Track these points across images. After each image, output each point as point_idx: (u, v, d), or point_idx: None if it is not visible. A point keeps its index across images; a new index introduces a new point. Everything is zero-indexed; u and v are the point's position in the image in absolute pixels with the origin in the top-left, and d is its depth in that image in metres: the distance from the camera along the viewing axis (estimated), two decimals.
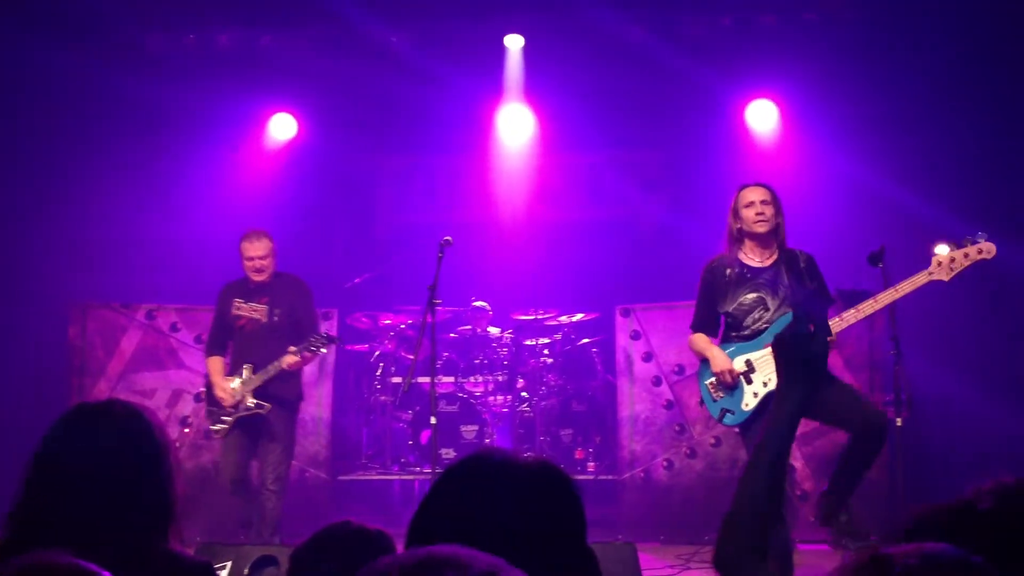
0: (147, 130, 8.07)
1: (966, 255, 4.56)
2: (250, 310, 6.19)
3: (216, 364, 6.21)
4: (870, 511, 6.08)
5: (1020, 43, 7.00)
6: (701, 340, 5.08)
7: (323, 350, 6.16)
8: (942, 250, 4.60)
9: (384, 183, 9.64)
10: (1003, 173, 7.17)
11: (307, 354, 6.02)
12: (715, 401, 4.97)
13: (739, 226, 5.05)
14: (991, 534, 1.66)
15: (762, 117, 8.44)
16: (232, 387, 6.05)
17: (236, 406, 6.03)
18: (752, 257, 5.04)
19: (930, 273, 4.59)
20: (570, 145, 9.07)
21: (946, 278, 4.59)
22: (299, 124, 8.86)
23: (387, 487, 7.76)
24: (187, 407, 7.15)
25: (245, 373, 6.05)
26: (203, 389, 7.21)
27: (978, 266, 4.62)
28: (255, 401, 6.01)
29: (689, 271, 7.70)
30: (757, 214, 4.96)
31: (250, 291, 6.24)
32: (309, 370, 7.35)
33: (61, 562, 1.34)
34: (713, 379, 4.98)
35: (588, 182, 9.33)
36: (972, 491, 1.88)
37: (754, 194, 5.03)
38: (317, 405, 7.31)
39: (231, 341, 6.26)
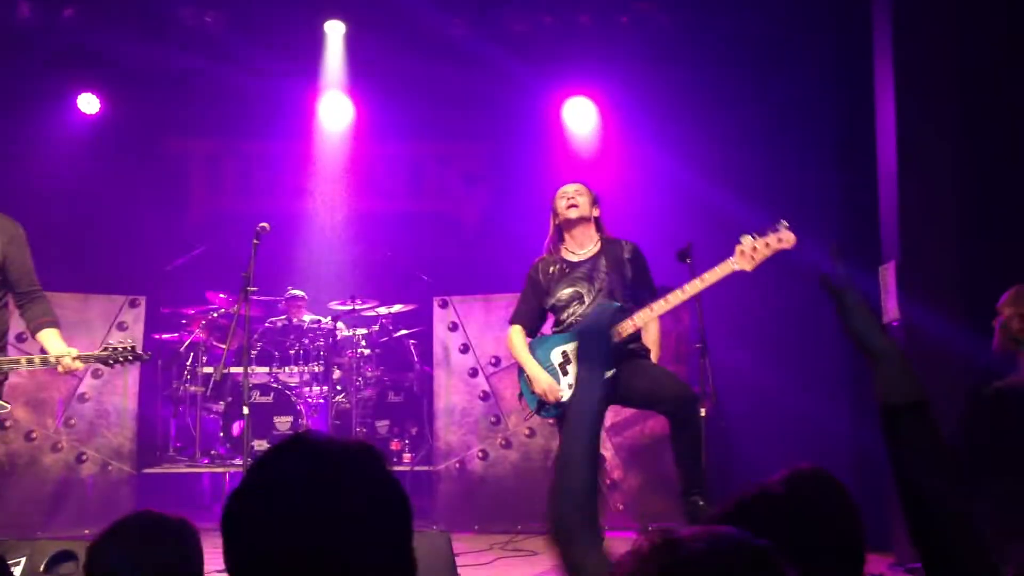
0: None
1: (767, 244, 4.72)
2: None
3: None
4: (674, 502, 6.33)
5: (815, 42, 7.43)
6: (519, 342, 5.14)
7: (119, 364, 4.81)
8: (746, 240, 4.75)
9: (196, 168, 9.33)
10: (804, 168, 7.58)
11: (92, 365, 4.98)
12: (533, 393, 5.05)
13: (556, 221, 5.18)
14: (783, 518, 1.76)
15: (580, 114, 8.63)
16: None
17: None
18: (572, 251, 5.16)
19: (734, 263, 4.73)
20: (391, 135, 9.02)
21: (749, 267, 4.72)
22: (105, 103, 8.46)
23: (196, 480, 7.53)
24: None
25: None
26: None
27: (780, 256, 4.78)
28: None
29: (508, 264, 7.82)
30: (568, 200, 5.11)
31: None
32: None
33: None
34: None
35: (408, 173, 9.31)
36: (769, 478, 2.00)
37: (567, 188, 5.21)
38: (122, 395, 7.01)
39: None
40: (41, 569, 4.09)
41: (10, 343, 5.06)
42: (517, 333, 5.16)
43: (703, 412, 4.91)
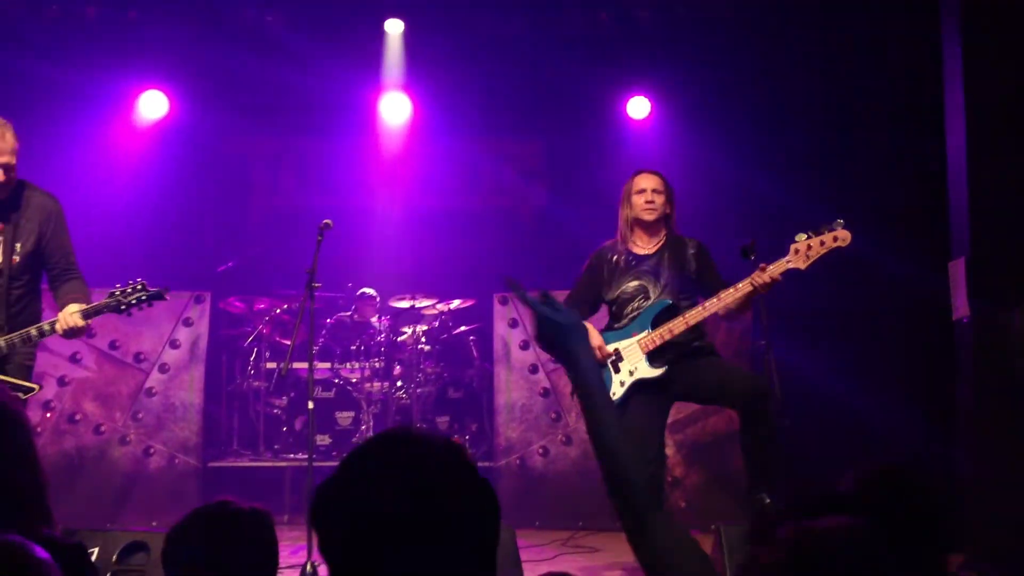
0: (9, 106, 7.70)
1: (822, 242, 4.65)
2: None
3: None
4: (737, 499, 6.28)
5: (879, 35, 7.33)
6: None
7: (133, 307, 4.35)
8: (800, 238, 4.69)
9: (259, 166, 9.44)
10: (861, 165, 7.48)
11: (114, 311, 4.33)
12: None
13: (629, 212, 5.11)
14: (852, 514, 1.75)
15: (638, 110, 8.58)
16: None
17: None
18: (639, 244, 5.11)
19: (787, 261, 4.67)
20: (450, 133, 9.05)
21: (803, 266, 4.66)
22: (170, 102, 8.60)
23: (259, 474, 7.61)
24: (50, 391, 6.88)
25: None
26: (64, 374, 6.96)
27: (835, 254, 4.71)
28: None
29: (567, 260, 7.79)
30: (647, 202, 5.03)
31: None
32: (179, 353, 7.17)
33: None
34: None
35: (468, 170, 9.33)
36: (840, 476, 1.99)
37: (646, 181, 5.09)
38: (188, 390, 7.12)
39: None
40: (114, 560, 4.18)
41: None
42: None
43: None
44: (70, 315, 4.22)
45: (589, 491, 6.79)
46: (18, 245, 4.35)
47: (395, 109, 8.92)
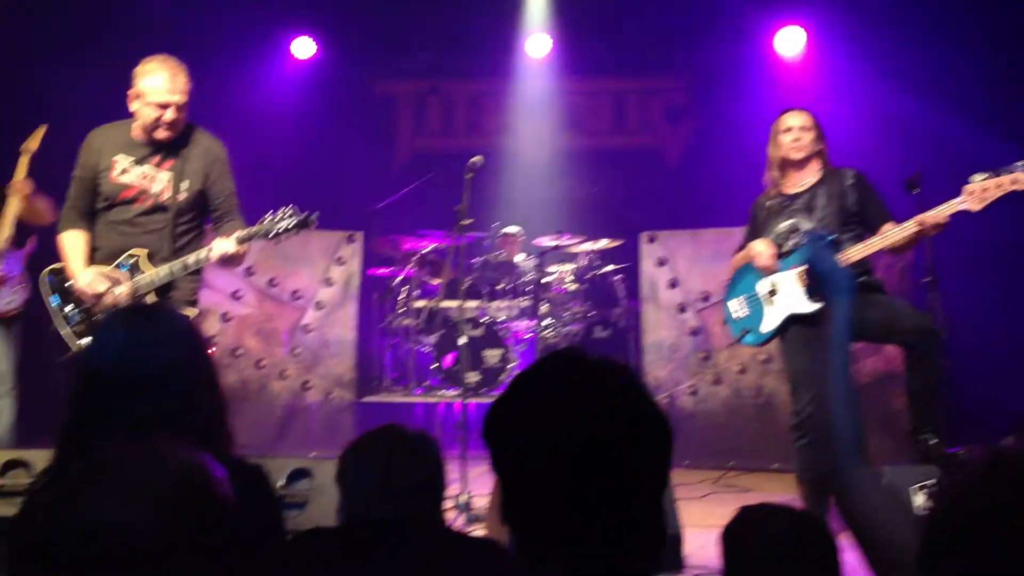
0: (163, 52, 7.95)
1: (999, 185, 4.41)
2: (144, 177, 4.47)
3: (77, 243, 4.53)
4: (898, 440, 6.09)
5: None
6: (736, 257, 5.05)
7: (283, 234, 4.33)
8: (975, 179, 4.47)
9: (405, 107, 9.55)
10: None
11: (264, 238, 4.36)
12: (737, 321, 4.97)
13: (777, 153, 4.95)
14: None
15: (790, 43, 8.29)
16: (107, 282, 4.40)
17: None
18: (790, 184, 4.95)
19: (960, 203, 4.45)
20: (595, 72, 8.95)
21: (977, 208, 4.44)
22: (319, 47, 8.75)
23: (410, 410, 7.79)
24: (213, 326, 7.17)
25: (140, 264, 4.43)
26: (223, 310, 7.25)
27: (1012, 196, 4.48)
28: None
29: (715, 198, 7.67)
30: (794, 140, 4.86)
31: (146, 151, 4.47)
32: (334, 291, 7.37)
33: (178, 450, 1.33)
34: (739, 297, 4.97)
35: (613, 109, 9.22)
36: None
37: (793, 119, 4.91)
38: (342, 327, 7.33)
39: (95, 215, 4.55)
40: (280, 485, 4.33)
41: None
42: (736, 257, 5.06)
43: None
44: (224, 239, 4.31)
45: (739, 430, 6.71)
46: (184, 184, 4.49)
47: (539, 49, 8.86)
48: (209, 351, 2.40)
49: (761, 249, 4.82)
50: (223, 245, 4.28)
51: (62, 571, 1.22)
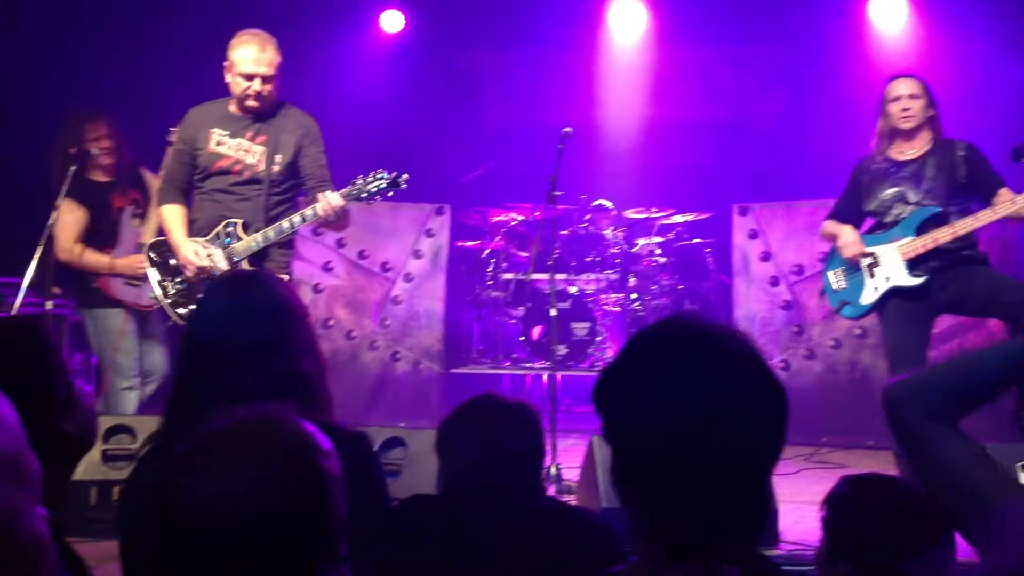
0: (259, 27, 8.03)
1: None
2: (239, 149, 4.58)
3: (176, 216, 4.67)
4: (995, 419, 5.91)
5: None
6: (830, 224, 4.94)
7: (376, 195, 4.37)
8: None
9: (493, 79, 9.53)
10: None
11: (357, 200, 4.39)
12: (835, 291, 4.88)
13: (887, 123, 4.81)
14: None
15: (887, 11, 8.05)
16: (213, 261, 4.51)
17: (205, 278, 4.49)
18: (899, 151, 4.82)
19: None
20: (685, 41, 8.81)
21: None
22: (407, 19, 8.78)
23: (497, 382, 7.83)
24: (305, 297, 7.26)
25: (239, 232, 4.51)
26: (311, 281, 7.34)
27: None
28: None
29: (808, 170, 7.50)
30: (903, 109, 4.72)
31: (241, 124, 4.59)
32: (423, 263, 7.42)
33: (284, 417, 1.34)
34: (838, 268, 4.87)
35: (703, 79, 9.07)
36: None
37: (902, 87, 4.76)
38: (431, 299, 7.38)
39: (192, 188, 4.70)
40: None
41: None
42: (830, 223, 4.95)
43: None
44: (333, 195, 4.32)
45: (833, 406, 6.59)
46: (277, 156, 4.55)
47: (628, 18, 8.75)
48: (308, 316, 2.43)
49: (848, 240, 4.74)
50: (330, 198, 4.30)
51: (174, 537, 1.24)
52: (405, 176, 4.40)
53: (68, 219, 5.23)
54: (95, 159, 5.32)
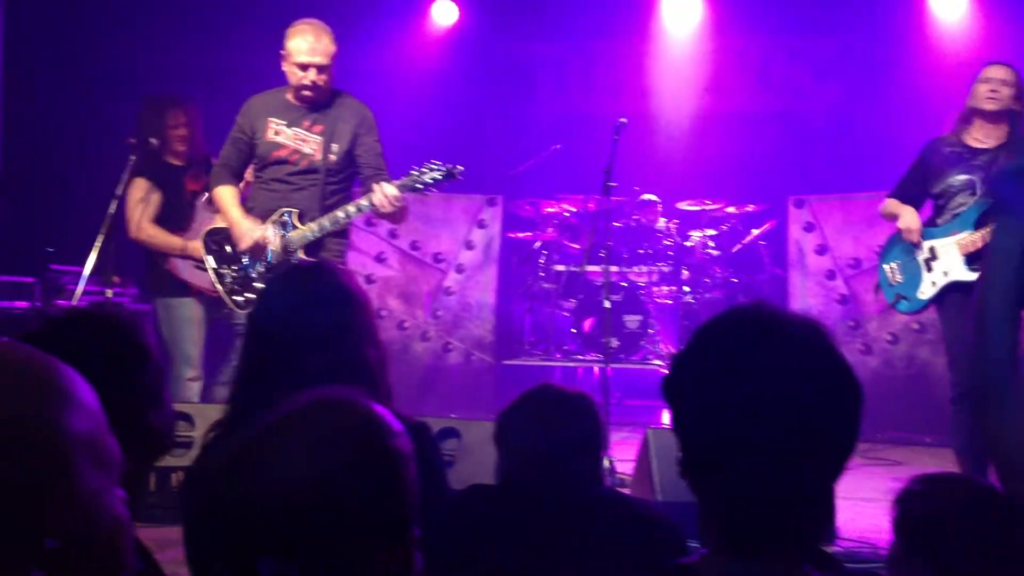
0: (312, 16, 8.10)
1: None
2: (296, 138, 4.62)
3: (231, 196, 4.71)
4: None
5: None
6: (892, 202, 4.86)
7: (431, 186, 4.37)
8: None
9: (545, 70, 9.50)
10: None
11: (412, 191, 4.38)
12: (891, 286, 4.81)
13: (971, 102, 4.74)
14: None
15: (947, 1, 7.90)
16: (267, 235, 4.55)
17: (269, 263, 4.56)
18: (976, 137, 4.74)
19: None
20: (739, 30, 8.71)
21: None
22: (460, 9, 8.79)
23: (549, 374, 7.81)
24: None
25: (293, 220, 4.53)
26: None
27: None
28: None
29: (865, 161, 7.40)
30: (991, 91, 4.64)
31: (299, 113, 4.63)
32: (474, 254, 7.43)
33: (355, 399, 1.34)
34: (894, 262, 4.80)
35: (758, 69, 8.96)
36: None
37: (995, 72, 4.70)
38: (483, 290, 7.40)
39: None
40: None
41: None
42: (891, 201, 4.87)
43: None
44: (388, 186, 4.32)
45: (890, 402, 6.50)
46: (334, 146, 4.57)
47: (681, 8, 8.68)
48: (371, 308, 2.43)
49: (910, 224, 4.68)
50: (386, 189, 4.30)
51: (246, 519, 1.24)
52: (460, 168, 4.41)
53: (143, 199, 5.29)
54: (171, 144, 5.37)
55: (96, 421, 0.81)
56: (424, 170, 4.36)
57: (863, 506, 4.40)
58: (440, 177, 4.34)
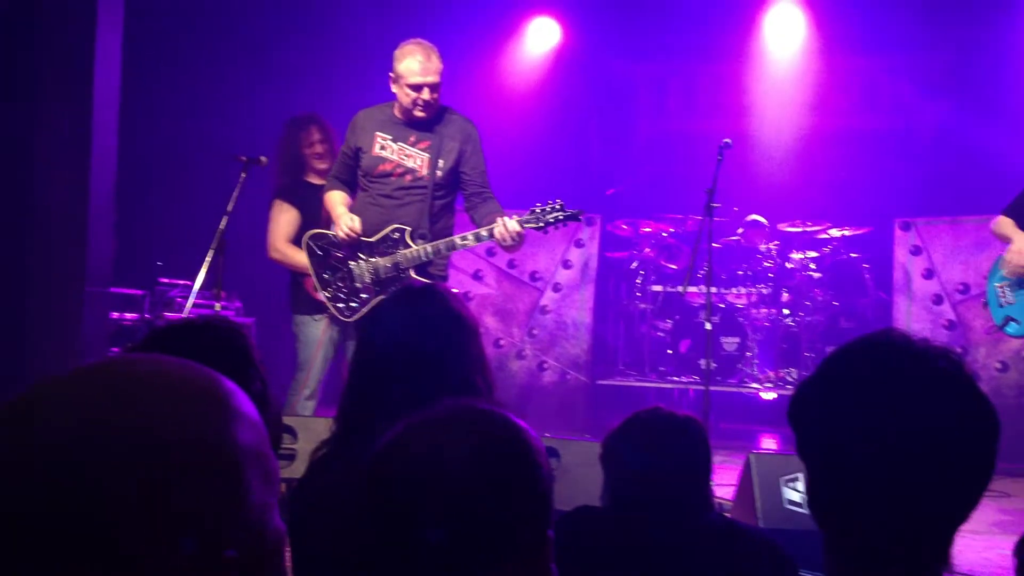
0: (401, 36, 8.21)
1: None
2: (402, 153, 4.68)
3: (340, 197, 4.81)
4: None
5: None
6: (1007, 223, 4.71)
7: (552, 225, 4.39)
8: None
9: (643, 90, 9.47)
10: None
11: (534, 229, 4.39)
12: (1001, 307, 4.66)
13: None
14: None
15: None
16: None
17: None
18: None
19: None
20: (843, 49, 8.56)
21: None
22: (561, 28, 8.82)
23: (643, 394, 7.76)
24: None
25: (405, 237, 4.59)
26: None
27: None
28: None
29: (974, 184, 7.19)
30: None
31: (405, 129, 4.67)
32: (571, 273, 7.42)
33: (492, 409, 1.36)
34: (1005, 281, 4.65)
35: (863, 87, 8.80)
36: None
37: None
38: (579, 309, 7.37)
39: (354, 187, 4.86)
40: None
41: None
42: (1005, 221, 4.72)
43: None
44: (511, 221, 4.34)
45: (1005, 434, 6.27)
46: (441, 161, 4.63)
47: (784, 24, 8.58)
48: (480, 332, 2.45)
49: (1022, 248, 4.52)
50: (510, 225, 4.31)
51: (390, 516, 1.26)
52: (582, 212, 4.47)
53: (281, 219, 5.37)
54: (310, 163, 5.48)
55: (260, 434, 0.83)
56: (548, 209, 4.36)
57: (971, 539, 4.27)
58: (563, 218, 4.36)
